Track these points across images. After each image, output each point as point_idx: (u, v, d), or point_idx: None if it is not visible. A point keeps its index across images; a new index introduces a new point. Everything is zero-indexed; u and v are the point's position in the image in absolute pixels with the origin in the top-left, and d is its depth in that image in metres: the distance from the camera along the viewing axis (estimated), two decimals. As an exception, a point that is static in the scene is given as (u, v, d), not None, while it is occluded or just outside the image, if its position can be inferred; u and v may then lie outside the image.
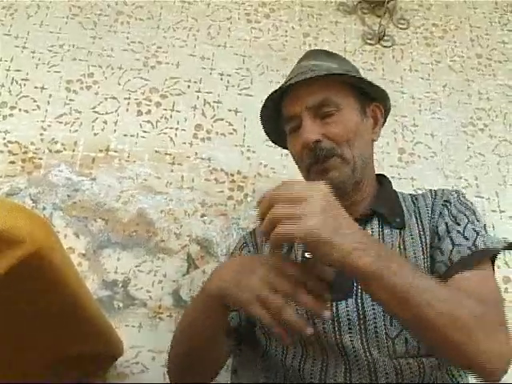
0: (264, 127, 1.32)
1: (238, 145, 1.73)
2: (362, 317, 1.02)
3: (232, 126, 1.76)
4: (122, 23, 1.93)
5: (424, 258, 1.08)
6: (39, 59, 1.82)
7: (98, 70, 1.82)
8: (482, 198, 1.73)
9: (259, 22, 2.01)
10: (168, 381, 1.19)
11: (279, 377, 1.12)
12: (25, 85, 1.76)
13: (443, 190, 1.19)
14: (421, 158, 1.78)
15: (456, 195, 1.15)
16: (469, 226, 1.07)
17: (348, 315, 1.03)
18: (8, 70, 1.78)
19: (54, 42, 1.86)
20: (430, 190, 1.21)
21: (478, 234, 1.05)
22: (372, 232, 1.12)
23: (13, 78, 1.77)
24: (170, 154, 1.68)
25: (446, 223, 1.10)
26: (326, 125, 1.14)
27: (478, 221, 1.09)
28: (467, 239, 1.04)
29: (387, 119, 1.30)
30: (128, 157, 1.67)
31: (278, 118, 1.25)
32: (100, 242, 1.52)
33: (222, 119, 1.78)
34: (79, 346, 0.96)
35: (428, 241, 1.10)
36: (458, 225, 1.08)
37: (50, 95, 1.75)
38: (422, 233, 1.11)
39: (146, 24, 1.94)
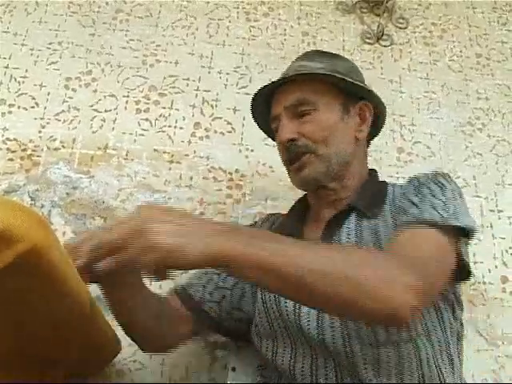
0: (259, 126, 1.38)
1: (236, 143, 1.73)
2: None
3: (230, 124, 1.76)
4: (121, 21, 1.93)
5: None
6: (38, 56, 1.82)
7: (96, 67, 1.82)
8: (480, 197, 1.73)
9: (258, 20, 2.01)
10: (166, 379, 1.19)
11: (274, 376, 1.13)
12: (23, 82, 1.76)
13: (428, 173, 1.16)
14: (419, 158, 1.78)
15: (432, 175, 1.13)
16: (428, 198, 1.05)
17: None
18: (7, 68, 1.78)
19: (52, 39, 1.85)
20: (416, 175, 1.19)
21: (434, 207, 1.02)
22: (349, 226, 1.13)
23: (11, 76, 1.77)
24: (168, 153, 1.68)
25: (409, 199, 1.08)
26: (302, 124, 1.18)
27: (443, 195, 1.06)
28: (419, 208, 1.03)
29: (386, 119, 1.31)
30: (126, 155, 1.67)
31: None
32: (98, 240, 1.52)
33: (221, 118, 1.78)
34: (77, 343, 0.96)
35: (396, 222, 1.09)
36: (418, 197, 1.07)
37: (49, 93, 1.75)
38: (393, 213, 1.11)
39: (144, 22, 1.94)
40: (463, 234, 1.02)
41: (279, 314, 1.11)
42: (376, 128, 1.32)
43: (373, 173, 1.28)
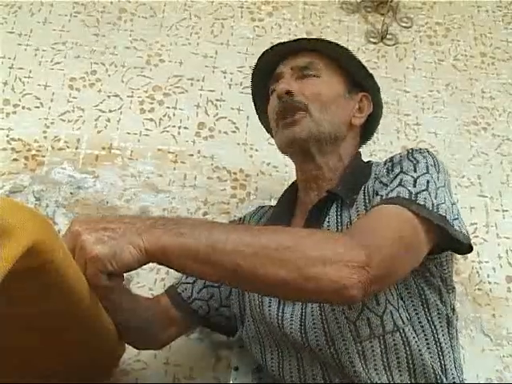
0: (256, 109, 1.39)
1: (240, 143, 1.73)
2: (321, 309, 1.02)
3: (235, 124, 1.76)
4: (125, 21, 1.93)
5: None
6: (42, 57, 1.82)
7: (100, 67, 1.82)
8: (485, 197, 1.72)
9: (262, 20, 2.01)
10: (170, 378, 1.19)
11: (268, 377, 1.14)
12: (28, 82, 1.76)
13: (400, 153, 1.11)
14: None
15: (406, 152, 1.08)
16: (398, 176, 1.01)
17: (312, 311, 1.03)
18: (11, 68, 1.78)
19: (57, 39, 1.86)
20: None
21: (403, 184, 0.97)
22: (329, 217, 1.10)
23: (16, 76, 1.77)
24: (172, 152, 1.68)
25: (381, 181, 1.05)
26: (304, 83, 1.19)
27: (415, 171, 1.00)
28: (387, 188, 0.99)
29: (389, 119, 1.31)
30: (131, 155, 1.67)
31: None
32: (102, 240, 1.52)
33: (225, 117, 1.78)
34: (81, 345, 0.97)
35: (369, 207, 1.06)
36: (388, 176, 1.04)
37: (53, 93, 1.75)
38: (366, 199, 1.08)
39: (148, 22, 1.94)
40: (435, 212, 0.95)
41: (263, 318, 1.11)
42: (367, 131, 1.31)
43: (357, 156, 1.24)
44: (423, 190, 0.96)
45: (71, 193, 1.58)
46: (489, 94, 1.94)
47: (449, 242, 0.99)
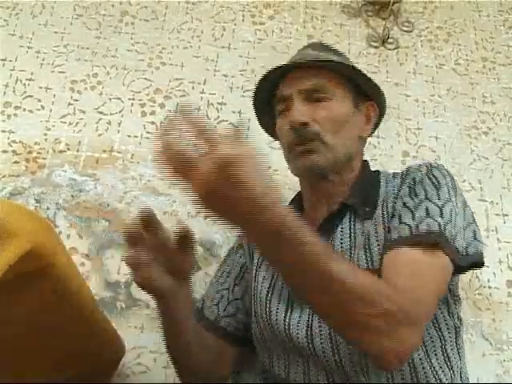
0: (257, 112, 1.34)
1: (241, 146, 1.72)
2: None
3: (236, 127, 1.76)
4: (127, 24, 1.93)
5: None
6: (44, 59, 1.82)
7: (102, 70, 1.82)
8: (486, 201, 1.72)
9: (264, 23, 2.02)
10: (169, 382, 1.19)
11: (273, 380, 1.13)
12: (29, 85, 1.77)
13: (419, 165, 1.13)
14: (424, 161, 1.78)
15: (426, 170, 1.09)
16: (424, 203, 1.01)
17: (319, 318, 1.03)
18: (12, 70, 1.79)
19: (58, 42, 1.86)
20: (409, 166, 1.16)
21: (428, 214, 0.99)
22: (342, 230, 1.10)
23: (17, 78, 1.77)
24: (173, 155, 1.68)
25: (404, 202, 1.04)
26: (316, 109, 1.16)
27: (439, 198, 1.02)
28: (414, 218, 0.99)
29: (390, 123, 1.31)
30: (131, 157, 1.67)
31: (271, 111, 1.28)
32: (103, 243, 1.52)
33: (226, 121, 1.78)
34: (82, 348, 0.97)
35: (388, 224, 1.05)
36: (413, 200, 1.03)
37: (55, 95, 1.75)
38: (384, 216, 1.07)
39: (150, 25, 1.94)
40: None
41: (269, 323, 1.11)
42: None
43: (365, 164, 1.24)
44: (449, 221, 0.98)
45: (72, 195, 1.58)
46: (490, 99, 1.94)
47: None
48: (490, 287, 1.58)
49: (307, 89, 1.17)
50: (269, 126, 1.32)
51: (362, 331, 0.84)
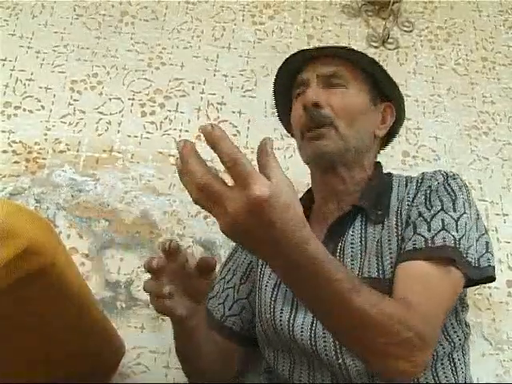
0: (276, 97, 1.35)
1: (241, 146, 1.72)
2: None
3: (236, 127, 1.76)
4: (127, 24, 1.93)
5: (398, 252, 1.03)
6: (43, 59, 1.82)
7: (102, 70, 1.82)
8: (486, 201, 1.72)
9: (264, 23, 2.01)
10: (170, 382, 1.19)
11: (277, 380, 1.13)
12: (29, 85, 1.77)
13: (434, 172, 1.12)
14: (424, 161, 1.78)
15: (442, 179, 1.09)
16: (440, 214, 1.01)
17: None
18: (12, 70, 1.79)
19: (58, 42, 1.86)
20: (423, 172, 1.15)
21: (444, 227, 0.99)
22: (353, 234, 1.10)
23: (17, 78, 1.77)
24: (173, 155, 1.68)
25: (420, 212, 1.04)
26: (332, 94, 1.16)
27: (455, 210, 1.02)
28: (429, 230, 0.99)
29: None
30: (132, 158, 1.67)
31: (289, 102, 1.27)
32: (103, 243, 1.52)
33: (226, 121, 1.78)
34: (81, 348, 0.97)
35: (401, 232, 1.05)
36: (429, 211, 1.03)
37: (54, 95, 1.75)
38: (398, 224, 1.06)
39: (150, 25, 1.94)
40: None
41: (273, 324, 1.11)
42: (385, 141, 1.31)
43: (378, 166, 1.24)
44: (463, 236, 0.98)
45: (72, 195, 1.58)
46: (490, 99, 1.94)
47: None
48: (489, 287, 1.58)
49: (325, 74, 1.17)
50: (285, 116, 1.32)
51: (380, 357, 0.84)
